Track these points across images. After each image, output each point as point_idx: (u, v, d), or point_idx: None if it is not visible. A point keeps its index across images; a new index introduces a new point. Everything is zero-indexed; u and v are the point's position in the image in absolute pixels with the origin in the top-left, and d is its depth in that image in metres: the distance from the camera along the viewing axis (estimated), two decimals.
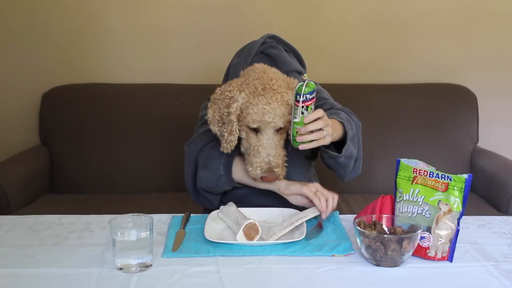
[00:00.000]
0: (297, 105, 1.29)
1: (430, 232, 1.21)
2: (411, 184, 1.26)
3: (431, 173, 1.24)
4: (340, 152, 1.44)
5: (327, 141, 1.33)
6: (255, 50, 1.65)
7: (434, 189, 1.22)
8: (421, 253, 1.22)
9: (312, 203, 1.41)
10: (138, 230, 1.17)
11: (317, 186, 1.43)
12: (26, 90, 2.77)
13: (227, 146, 1.41)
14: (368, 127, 1.79)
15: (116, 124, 2.63)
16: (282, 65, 1.61)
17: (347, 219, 1.45)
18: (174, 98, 2.66)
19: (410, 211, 1.25)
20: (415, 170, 1.26)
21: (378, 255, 1.17)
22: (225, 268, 1.17)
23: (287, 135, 1.41)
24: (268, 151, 1.39)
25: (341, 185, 1.72)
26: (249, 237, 1.28)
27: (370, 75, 2.81)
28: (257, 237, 1.29)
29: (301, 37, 2.63)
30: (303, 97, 1.28)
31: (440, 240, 1.21)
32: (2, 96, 2.80)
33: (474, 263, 1.21)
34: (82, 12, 2.74)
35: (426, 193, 1.23)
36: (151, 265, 1.18)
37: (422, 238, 1.21)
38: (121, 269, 1.16)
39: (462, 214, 1.21)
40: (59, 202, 2.40)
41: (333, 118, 1.43)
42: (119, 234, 1.15)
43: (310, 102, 1.29)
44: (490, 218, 1.49)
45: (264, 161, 1.39)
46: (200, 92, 1.79)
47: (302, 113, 1.30)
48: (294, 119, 1.31)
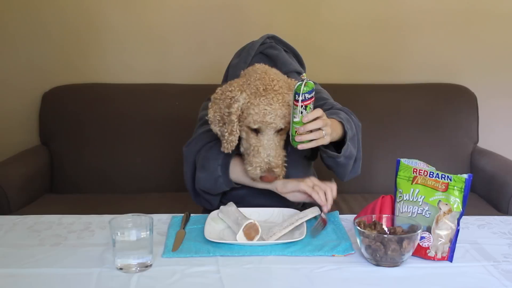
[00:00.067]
0: (296, 105, 1.29)
1: (430, 232, 1.21)
2: (411, 184, 1.26)
3: (431, 173, 1.24)
4: (339, 152, 1.43)
5: (326, 140, 1.33)
6: (255, 50, 1.65)
7: (434, 189, 1.22)
8: (421, 253, 1.22)
9: (311, 198, 1.40)
10: (138, 230, 1.17)
11: (313, 180, 1.42)
12: (26, 90, 2.77)
13: (227, 146, 1.41)
14: (368, 127, 1.79)
15: (116, 124, 2.63)
16: (282, 65, 1.61)
17: (347, 219, 1.45)
18: (174, 98, 2.65)
19: (410, 211, 1.25)
20: (415, 170, 1.26)
21: (378, 255, 1.17)
22: (225, 268, 1.17)
23: (287, 135, 1.41)
24: (268, 151, 1.39)
25: (341, 185, 1.71)
26: (249, 237, 1.28)
27: (370, 75, 2.81)
28: (257, 237, 1.29)
29: (301, 37, 2.63)
30: (301, 96, 1.28)
31: (440, 240, 1.21)
32: (2, 96, 2.80)
33: (474, 263, 1.21)
34: (82, 12, 2.74)
35: (426, 193, 1.23)
36: (151, 265, 1.18)
37: (422, 238, 1.21)
38: (121, 269, 1.16)
39: (462, 214, 1.20)
40: (59, 202, 2.40)
41: (333, 118, 1.42)
42: (119, 234, 1.15)
43: (309, 102, 1.29)
44: (490, 218, 1.48)
45: (264, 161, 1.38)
46: (200, 92, 1.78)
47: (301, 112, 1.29)
48: (293, 119, 1.31)
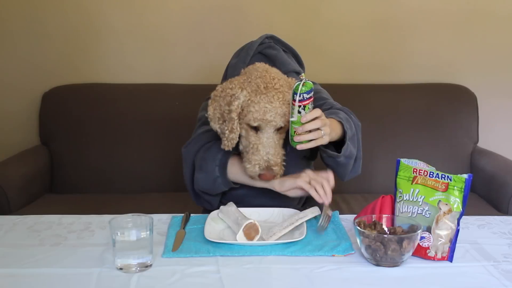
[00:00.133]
0: (294, 105, 1.29)
1: (430, 232, 1.21)
2: (411, 184, 1.26)
3: (431, 173, 1.24)
4: (339, 151, 1.43)
5: (325, 140, 1.32)
6: (253, 50, 1.64)
7: (434, 189, 1.22)
8: (421, 253, 1.22)
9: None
10: (138, 230, 1.17)
11: (309, 174, 1.41)
12: (26, 90, 2.77)
13: (228, 143, 1.41)
14: (368, 127, 1.79)
15: (116, 124, 2.62)
16: (280, 65, 1.61)
17: (347, 219, 1.45)
18: (174, 98, 2.65)
19: (410, 211, 1.25)
20: (415, 170, 1.26)
21: (378, 255, 1.17)
22: (225, 268, 1.17)
23: (286, 134, 1.40)
24: (267, 149, 1.39)
25: (341, 185, 1.71)
26: (249, 237, 1.28)
27: (370, 75, 2.81)
28: (257, 237, 1.29)
29: (301, 37, 2.63)
30: (300, 96, 1.28)
31: (440, 240, 1.21)
32: (2, 96, 2.80)
33: (474, 263, 1.21)
34: (82, 12, 2.73)
35: (426, 193, 1.23)
36: (151, 265, 1.18)
37: (422, 238, 1.21)
38: (121, 269, 1.16)
39: (462, 214, 1.20)
40: (59, 202, 2.40)
41: (332, 117, 1.42)
42: (119, 234, 1.15)
43: (308, 102, 1.29)
44: (490, 218, 1.49)
45: (263, 159, 1.38)
46: (200, 92, 1.78)
47: (299, 112, 1.29)
48: (291, 119, 1.31)
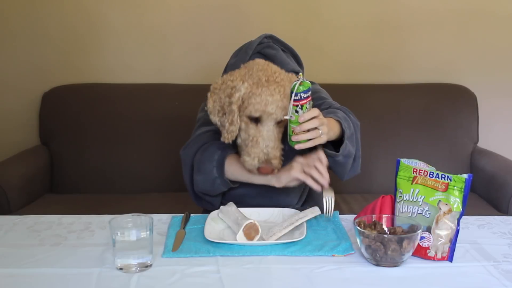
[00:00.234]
0: (292, 104, 1.29)
1: (430, 232, 1.21)
2: (411, 184, 1.26)
3: (431, 173, 1.24)
4: (338, 151, 1.43)
5: (323, 140, 1.33)
6: (252, 50, 1.64)
7: (434, 189, 1.22)
8: (421, 253, 1.22)
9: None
10: (138, 230, 1.17)
11: (301, 161, 1.38)
12: (26, 90, 2.77)
13: (228, 136, 1.41)
14: (368, 127, 1.80)
15: (116, 124, 2.63)
16: (279, 65, 1.59)
17: (347, 219, 1.45)
18: (174, 98, 2.66)
19: (410, 211, 1.25)
20: (415, 170, 1.26)
21: (378, 255, 1.17)
22: (225, 268, 1.17)
23: (285, 129, 1.40)
24: (267, 142, 1.39)
25: (341, 185, 1.72)
26: (249, 237, 1.28)
27: (369, 75, 2.80)
28: (257, 237, 1.29)
29: (300, 37, 2.64)
30: (297, 95, 1.28)
31: (440, 240, 1.21)
32: (2, 96, 2.80)
33: (474, 263, 1.21)
34: (82, 12, 2.74)
35: (426, 193, 1.23)
36: (151, 265, 1.18)
37: (422, 238, 1.21)
38: (121, 269, 1.16)
39: (462, 214, 1.20)
40: (59, 202, 2.40)
41: (330, 117, 1.42)
42: (119, 234, 1.15)
43: (305, 101, 1.29)
44: (490, 218, 1.48)
45: (263, 152, 1.38)
46: (200, 92, 1.77)
47: (296, 112, 1.30)
48: (289, 118, 1.31)
